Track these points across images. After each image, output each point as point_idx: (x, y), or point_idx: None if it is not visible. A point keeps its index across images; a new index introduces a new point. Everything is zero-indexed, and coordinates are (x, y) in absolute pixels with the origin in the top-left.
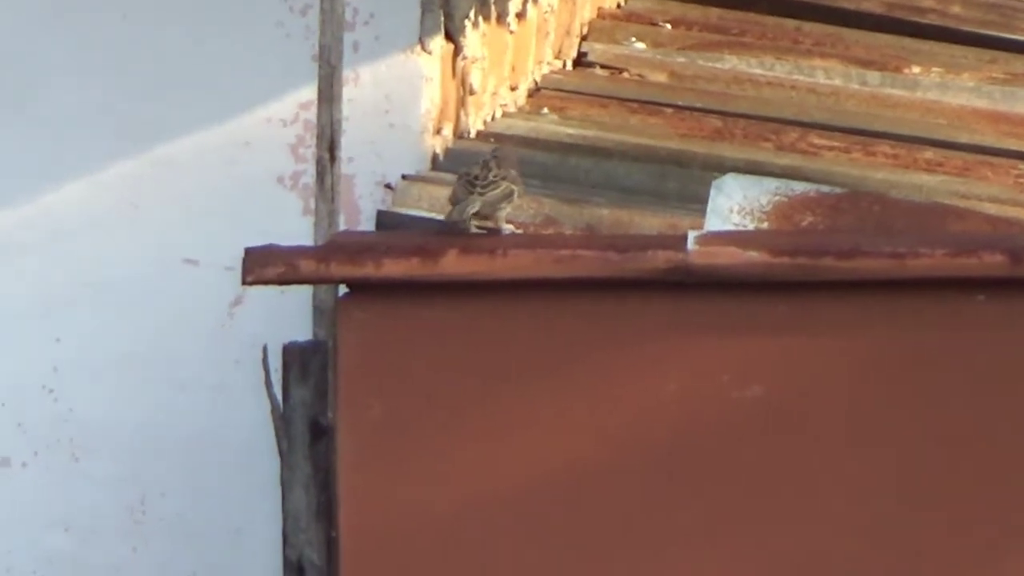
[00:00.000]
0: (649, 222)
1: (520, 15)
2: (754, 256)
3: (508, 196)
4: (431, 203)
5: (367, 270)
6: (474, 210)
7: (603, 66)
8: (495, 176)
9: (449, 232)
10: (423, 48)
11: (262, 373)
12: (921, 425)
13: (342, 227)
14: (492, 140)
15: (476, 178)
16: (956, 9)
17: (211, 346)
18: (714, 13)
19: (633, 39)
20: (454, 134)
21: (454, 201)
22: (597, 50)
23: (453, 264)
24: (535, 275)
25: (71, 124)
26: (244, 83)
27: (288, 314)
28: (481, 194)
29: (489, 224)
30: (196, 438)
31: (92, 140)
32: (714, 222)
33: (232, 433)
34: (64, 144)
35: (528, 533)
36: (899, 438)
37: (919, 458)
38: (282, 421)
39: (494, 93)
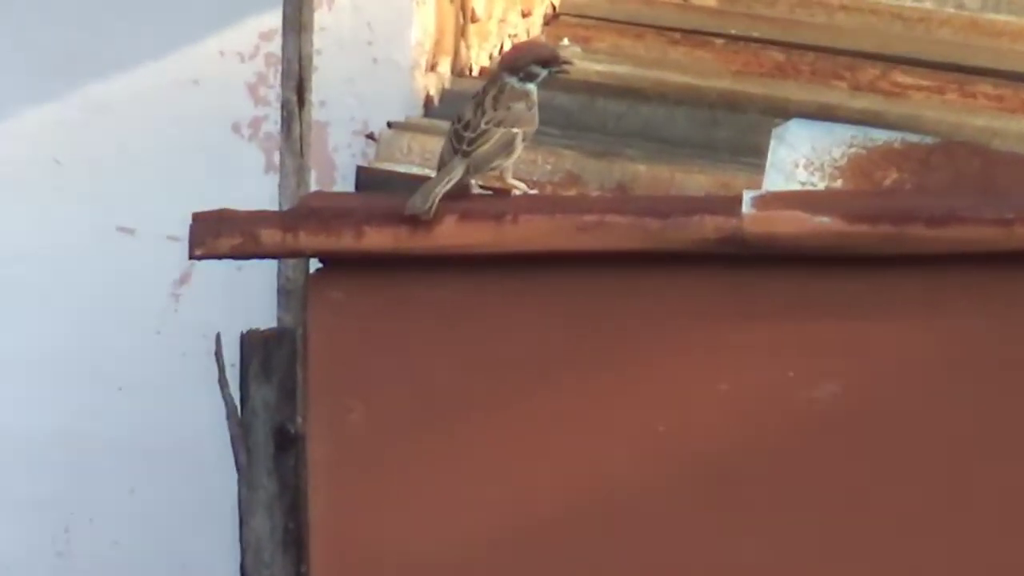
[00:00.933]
0: (695, 180)
1: None
2: (824, 223)
3: (507, 146)
4: (423, 157)
5: (344, 241)
6: (449, 187)
7: None
8: (488, 122)
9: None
10: None
11: (215, 369)
12: None
13: (314, 187)
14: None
15: (466, 127)
16: None
17: (151, 335)
18: None
19: None
20: (452, 71)
21: (440, 163)
22: None
23: (451, 233)
24: (553, 247)
25: None
26: (192, 8)
27: (246, 296)
28: (467, 152)
29: (495, 181)
30: (132, 450)
31: (4, 79)
32: (775, 180)
33: (178, 443)
34: None
35: (544, 565)
36: (1001, 441)
37: None
38: (240, 428)
39: (502, 20)
